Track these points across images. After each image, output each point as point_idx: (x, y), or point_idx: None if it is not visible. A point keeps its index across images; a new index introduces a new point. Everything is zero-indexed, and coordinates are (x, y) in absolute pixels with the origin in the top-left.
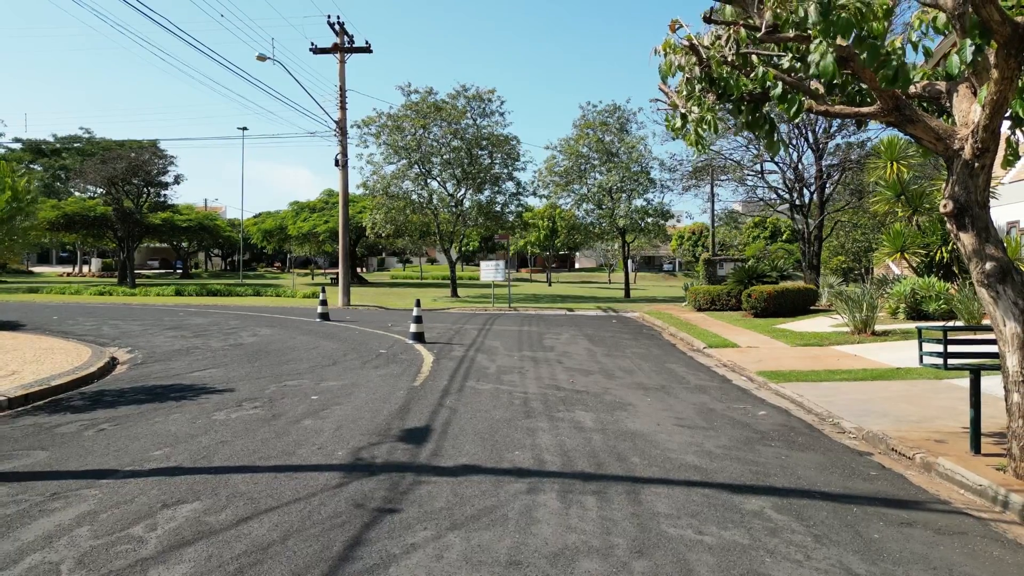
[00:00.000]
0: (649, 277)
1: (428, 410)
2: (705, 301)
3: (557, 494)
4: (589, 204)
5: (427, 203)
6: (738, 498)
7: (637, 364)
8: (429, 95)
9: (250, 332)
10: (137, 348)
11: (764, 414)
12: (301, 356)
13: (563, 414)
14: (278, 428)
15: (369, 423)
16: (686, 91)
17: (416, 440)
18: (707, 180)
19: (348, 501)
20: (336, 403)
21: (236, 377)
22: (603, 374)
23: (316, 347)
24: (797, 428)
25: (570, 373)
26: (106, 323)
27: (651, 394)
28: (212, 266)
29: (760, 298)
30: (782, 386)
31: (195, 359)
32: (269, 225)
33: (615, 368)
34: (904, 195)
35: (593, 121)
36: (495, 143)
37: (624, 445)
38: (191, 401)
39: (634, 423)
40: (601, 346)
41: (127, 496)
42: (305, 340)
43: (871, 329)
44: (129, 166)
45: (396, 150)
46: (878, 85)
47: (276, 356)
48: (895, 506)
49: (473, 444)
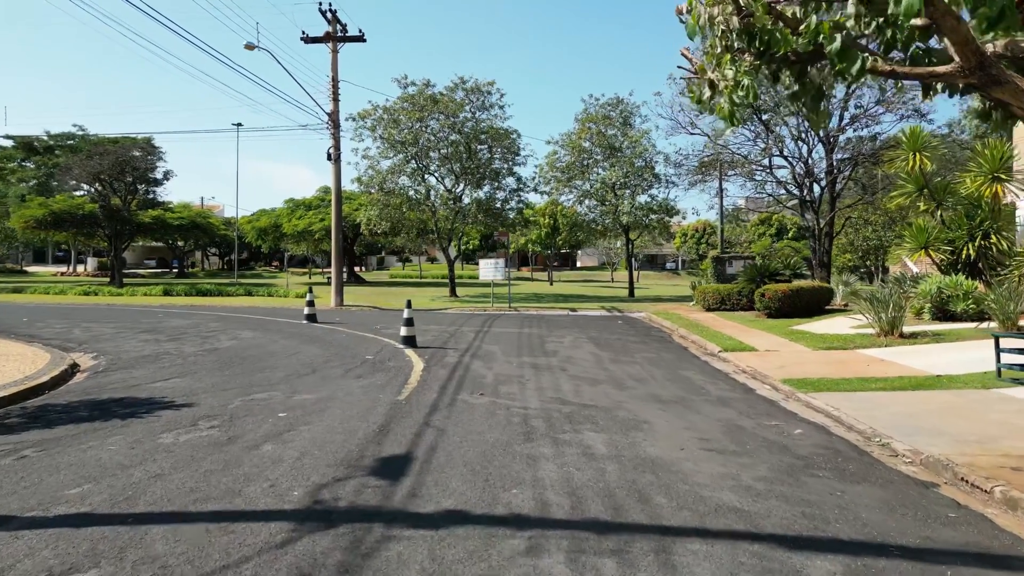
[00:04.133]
0: (652, 276)
1: (411, 431)
2: (714, 301)
3: (566, 555)
4: (592, 200)
5: (424, 199)
6: (798, 558)
7: (649, 371)
8: (427, 87)
9: (230, 335)
10: (104, 353)
11: (801, 433)
12: (279, 363)
13: (569, 435)
14: (230, 456)
15: (339, 449)
16: (720, 46)
17: (392, 473)
18: (714, 175)
19: (290, 571)
20: (305, 422)
21: (201, 388)
22: (612, 384)
23: (297, 353)
24: (843, 451)
25: (576, 383)
26: (79, 325)
27: (669, 408)
28: (209, 265)
29: (774, 298)
30: (812, 397)
31: (162, 366)
32: (264, 223)
33: (625, 376)
34: (927, 188)
35: (595, 115)
36: (494, 137)
37: (645, 479)
38: (140, 419)
39: (654, 447)
40: (608, 350)
41: (7, 561)
42: (287, 344)
43: (899, 331)
44: (115, 161)
45: (392, 144)
46: (964, 35)
47: (251, 363)
48: (994, 565)
49: (461, 479)
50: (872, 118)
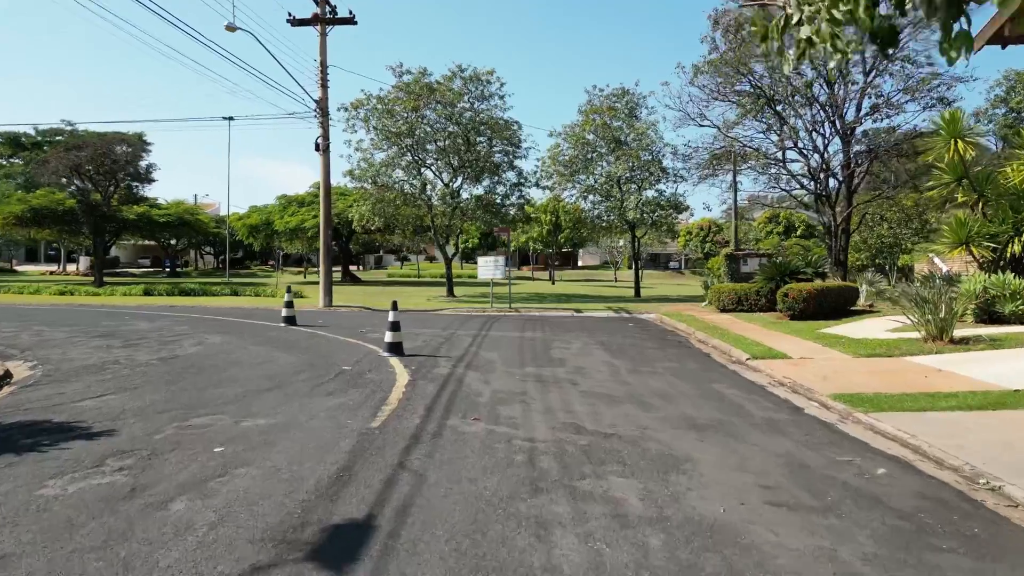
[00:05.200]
0: (655, 275)
1: (380, 478)
2: (730, 301)
3: None
4: (596, 196)
5: (420, 193)
6: None
7: (674, 385)
8: (423, 76)
9: (195, 341)
10: (45, 362)
11: (885, 473)
12: (240, 375)
13: (591, 483)
14: (122, 520)
15: (276, 509)
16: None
17: (341, 556)
18: (726, 168)
19: None
20: (245, 461)
21: (134, 409)
22: (634, 402)
23: (266, 362)
24: (950, 502)
25: (591, 402)
26: (30, 329)
27: (707, 437)
28: (204, 264)
29: (799, 298)
30: (875, 418)
31: (103, 379)
32: (255, 220)
33: (647, 392)
34: (967, 178)
35: (600, 106)
36: (494, 129)
37: (709, 562)
38: (38, 454)
39: (705, 500)
40: (623, 358)
41: None
42: (256, 352)
43: (949, 336)
44: (95, 154)
45: (387, 136)
46: None
47: (208, 375)
48: None
49: (442, 567)
50: (895, 107)
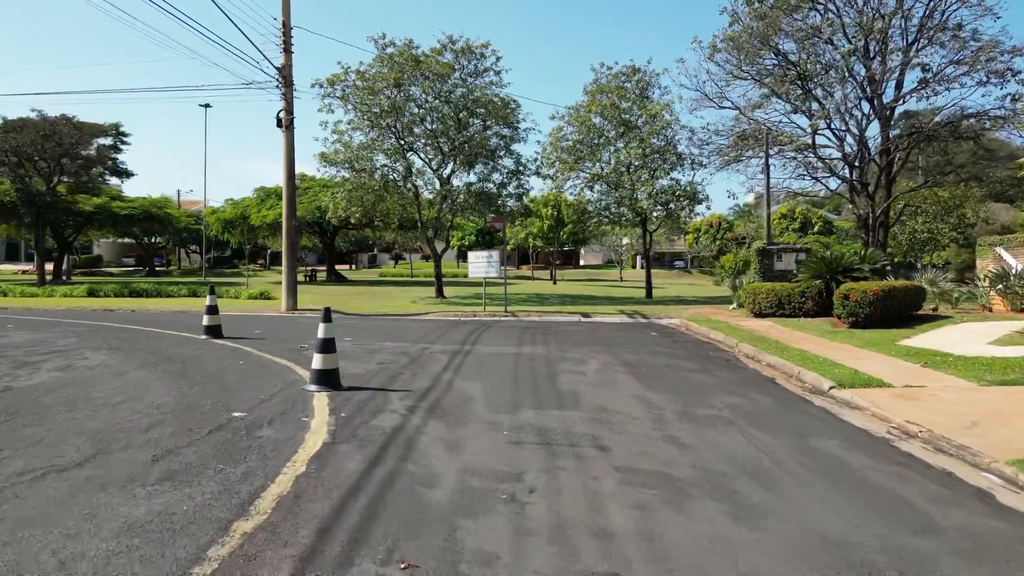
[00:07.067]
0: (662, 274)
1: None
2: (768, 303)
3: None
4: (603, 185)
5: (404, 180)
6: None
7: (757, 442)
8: (409, 48)
9: (64, 362)
10: None
11: None
12: (62, 427)
13: None
14: None
15: None
16: None
17: None
18: (753, 151)
19: None
20: None
21: None
22: (714, 495)
23: (127, 400)
24: None
25: (636, 497)
26: None
27: None
28: (191, 263)
29: (863, 301)
30: None
31: None
32: (229, 214)
33: (724, 464)
34: None
35: (607, 85)
36: (489, 109)
37: None
38: None
39: None
40: (663, 390)
41: None
42: (130, 381)
43: None
44: (37, 136)
45: (368, 117)
46: None
47: (10, 428)
48: None
49: None
50: (947, 81)
